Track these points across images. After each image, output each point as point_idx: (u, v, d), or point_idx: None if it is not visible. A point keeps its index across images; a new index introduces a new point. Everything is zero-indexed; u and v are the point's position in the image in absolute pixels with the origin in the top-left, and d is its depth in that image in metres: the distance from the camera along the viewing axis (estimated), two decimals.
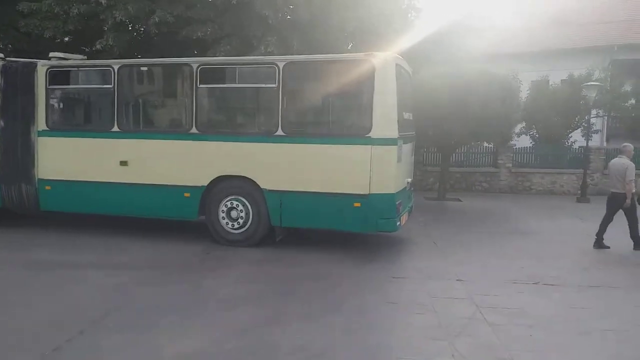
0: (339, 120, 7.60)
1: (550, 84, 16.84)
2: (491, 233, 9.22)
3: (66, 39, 13.76)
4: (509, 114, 11.35)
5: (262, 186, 7.38)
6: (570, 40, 21.67)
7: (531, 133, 16.69)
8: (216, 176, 7.53)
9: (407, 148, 8.02)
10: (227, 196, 7.59)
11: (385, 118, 6.91)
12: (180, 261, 6.94)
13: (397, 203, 7.12)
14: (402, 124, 7.57)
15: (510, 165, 15.25)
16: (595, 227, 8.12)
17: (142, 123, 8.10)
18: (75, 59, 8.42)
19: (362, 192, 6.98)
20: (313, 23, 13.75)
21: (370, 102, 6.92)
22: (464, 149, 15.31)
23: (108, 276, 6.12)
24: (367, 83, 6.94)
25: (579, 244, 8.35)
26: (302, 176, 7.22)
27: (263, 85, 7.52)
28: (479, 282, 6.20)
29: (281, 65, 7.17)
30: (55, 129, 8.11)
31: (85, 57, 9.08)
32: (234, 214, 7.57)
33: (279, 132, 7.22)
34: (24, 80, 8.03)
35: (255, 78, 7.64)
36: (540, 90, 16.19)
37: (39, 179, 8.13)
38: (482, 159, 15.67)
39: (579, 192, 13.94)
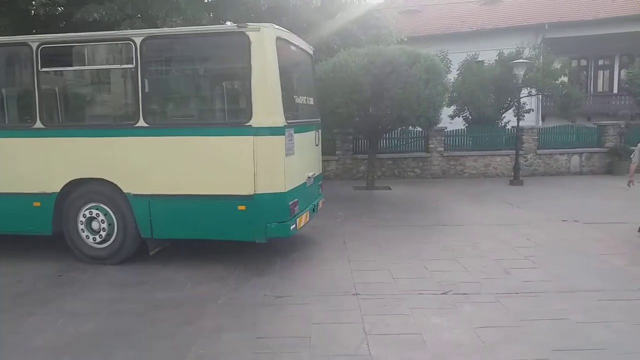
0: (213, 106, 6.19)
1: (484, 64, 15.93)
2: (413, 227, 8.07)
3: None
4: (433, 96, 10.24)
5: (125, 190, 5.92)
6: (500, 19, 20.97)
7: (464, 115, 15.77)
8: (69, 180, 6.02)
9: (307, 137, 6.73)
10: (85, 204, 6.09)
11: (267, 103, 5.56)
12: (21, 287, 5.42)
13: (290, 203, 5.83)
14: (294, 109, 6.28)
15: (442, 149, 14.25)
16: (526, 215, 7.08)
17: None
18: None
19: (246, 193, 5.64)
20: (223, 1, 12.32)
21: (248, 83, 5.54)
22: (396, 134, 14.23)
23: None
24: (243, 61, 5.56)
25: (505, 237, 7.32)
26: (173, 176, 5.80)
27: (118, 66, 6.01)
28: (379, 296, 5.00)
29: (138, 41, 5.69)
30: None
31: None
32: (95, 225, 6.09)
33: (141, 122, 5.76)
34: None
35: (109, 58, 6.11)
36: (470, 70, 15.22)
37: None
38: (414, 144, 14.61)
39: (512, 174, 13.10)
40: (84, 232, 6.11)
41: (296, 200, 6.00)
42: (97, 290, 5.33)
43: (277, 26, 5.72)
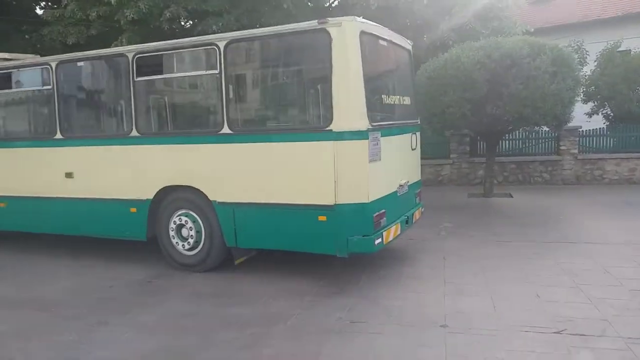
0: (295, 111, 5.76)
1: (630, 52, 13.58)
2: (530, 244, 6.87)
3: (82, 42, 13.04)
4: (561, 91, 8.78)
5: (211, 198, 5.75)
6: None
7: (604, 112, 13.57)
8: (162, 187, 6.02)
9: (400, 141, 6.01)
10: (175, 211, 6.05)
11: (349, 105, 4.98)
12: (108, 293, 5.51)
13: (374, 215, 5.18)
14: (383, 110, 5.62)
15: (576, 151, 12.35)
16: None
17: (82, 128, 6.79)
18: (20, 59, 7.26)
19: (326, 203, 5.12)
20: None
21: (328, 85, 5.01)
22: (521, 135, 12.69)
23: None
24: (324, 60, 5.05)
25: None
26: (255, 184, 5.49)
27: (203, 73, 5.87)
28: (472, 331, 4.14)
29: (222, 45, 5.47)
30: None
31: (39, 55, 7.90)
32: (184, 232, 6.02)
33: (225, 129, 5.54)
34: None
35: (194, 64, 5.99)
36: (611, 61, 13.01)
37: None
38: (542, 146, 12.89)
39: None
40: (174, 238, 6.08)
41: (383, 211, 5.32)
42: (175, 301, 5.19)
43: (361, 19, 5.11)
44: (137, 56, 5.95)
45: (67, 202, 6.58)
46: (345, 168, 5.03)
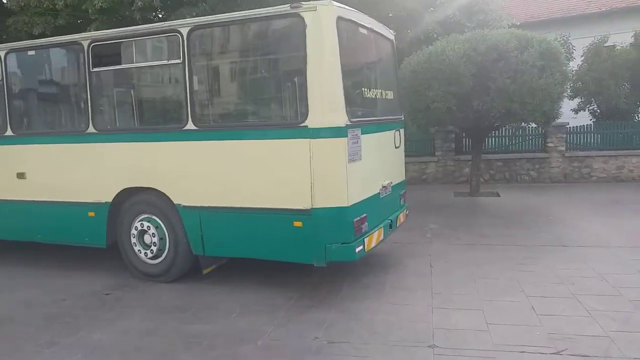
0: (265, 105, 5.22)
1: (616, 48, 13.29)
2: (521, 247, 6.44)
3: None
4: (549, 86, 8.38)
5: (175, 201, 5.20)
6: None
7: (591, 108, 13.27)
8: (122, 189, 5.44)
9: (383, 138, 5.53)
10: (137, 215, 5.48)
11: (325, 99, 4.47)
12: (59, 308, 4.92)
13: (355, 220, 4.68)
14: (363, 105, 5.12)
15: (564, 148, 12.01)
16: None
17: (34, 124, 6.17)
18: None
19: (302, 207, 4.61)
20: None
21: (303, 76, 4.48)
22: (508, 132, 12.31)
23: None
24: (297, 48, 4.52)
25: None
26: (223, 186, 4.96)
27: (165, 63, 5.29)
28: (462, 352, 3.67)
29: (185, 31, 4.90)
30: None
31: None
32: (147, 238, 5.46)
33: (189, 125, 4.98)
34: None
35: (155, 53, 5.41)
36: (597, 56, 12.70)
37: None
38: (529, 143, 12.53)
39: None
40: (135, 246, 5.51)
41: (364, 215, 4.83)
42: (134, 317, 4.63)
43: (338, 3, 4.58)
44: (93, 44, 5.36)
45: (20, 205, 5.96)
46: (322, 168, 4.52)
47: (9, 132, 5.90)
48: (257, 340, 4.02)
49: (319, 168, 4.52)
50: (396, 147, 5.92)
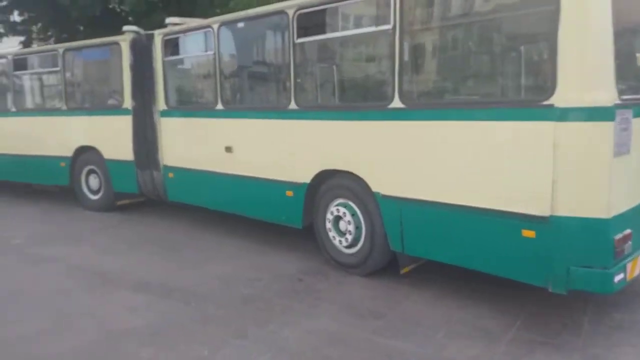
0: (491, 77, 4.04)
1: None
2: None
3: None
4: None
5: (374, 189, 4.50)
6: None
7: None
8: (320, 170, 4.96)
9: None
10: (334, 199, 4.95)
11: (585, 67, 3.19)
12: (253, 289, 4.68)
13: (616, 237, 3.33)
14: (635, 77, 3.64)
15: None
16: None
17: (242, 98, 6.02)
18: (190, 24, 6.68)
19: (536, 213, 3.46)
20: None
21: (551, 37, 3.24)
22: None
23: (133, 311, 4.31)
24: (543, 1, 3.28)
25: None
26: (431, 176, 4.06)
27: (372, 30, 4.48)
28: None
29: None
30: (173, 108, 6.66)
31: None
32: (342, 225, 4.91)
33: (395, 102, 4.17)
34: (146, 54, 6.74)
35: (362, 20, 4.63)
36: None
37: (163, 165, 6.89)
38: None
39: None
40: (330, 231, 5.01)
41: (628, 232, 3.43)
42: (323, 315, 4.12)
43: None
44: (298, 12, 4.87)
45: (227, 178, 5.98)
46: (572, 163, 3.29)
47: (219, 106, 5.89)
48: None
49: (566, 162, 3.29)
50: None
